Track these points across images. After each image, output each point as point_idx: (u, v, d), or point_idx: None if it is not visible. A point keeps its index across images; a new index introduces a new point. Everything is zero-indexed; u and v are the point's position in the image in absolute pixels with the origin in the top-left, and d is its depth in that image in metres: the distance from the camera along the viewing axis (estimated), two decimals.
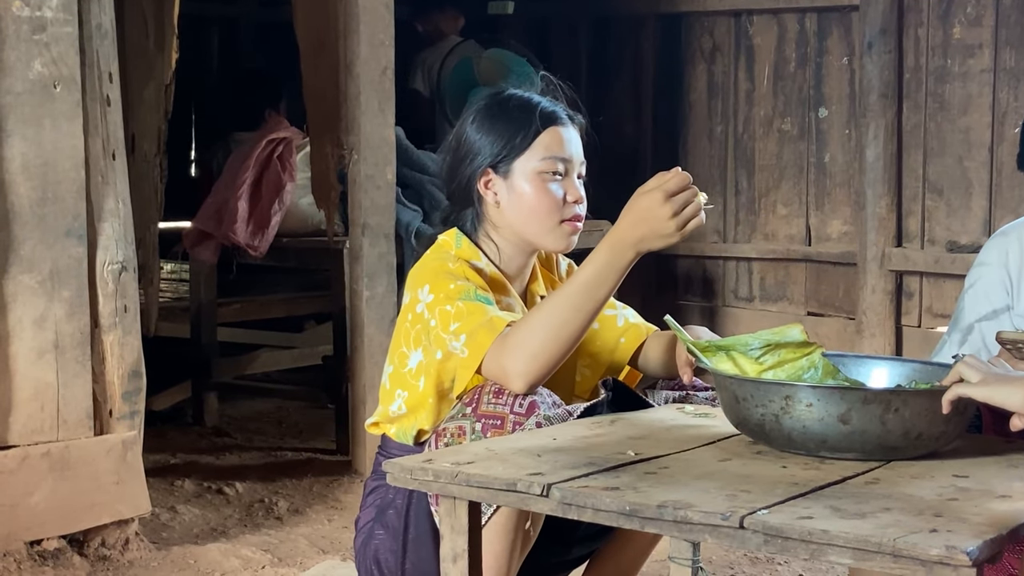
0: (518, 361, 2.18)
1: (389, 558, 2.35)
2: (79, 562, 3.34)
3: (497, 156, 2.42)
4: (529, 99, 2.46)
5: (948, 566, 1.50)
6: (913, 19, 5.47)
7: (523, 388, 2.20)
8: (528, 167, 2.41)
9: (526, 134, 2.41)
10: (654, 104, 6.39)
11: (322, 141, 4.48)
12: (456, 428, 2.23)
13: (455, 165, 2.48)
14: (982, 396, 1.88)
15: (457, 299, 2.28)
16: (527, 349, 2.19)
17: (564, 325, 2.21)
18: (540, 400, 2.20)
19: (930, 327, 5.47)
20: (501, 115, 2.44)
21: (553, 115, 2.44)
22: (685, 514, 1.67)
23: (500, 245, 2.46)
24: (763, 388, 1.96)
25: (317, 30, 4.41)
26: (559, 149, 2.42)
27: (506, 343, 2.20)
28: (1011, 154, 5.25)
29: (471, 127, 2.46)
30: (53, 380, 3.32)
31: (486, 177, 2.43)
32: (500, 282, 2.44)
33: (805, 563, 3.48)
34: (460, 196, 2.48)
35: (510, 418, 2.19)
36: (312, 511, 4.05)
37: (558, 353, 2.22)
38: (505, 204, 2.43)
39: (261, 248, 4.85)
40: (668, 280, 6.26)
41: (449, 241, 2.46)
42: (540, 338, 2.20)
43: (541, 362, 2.19)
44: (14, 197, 3.24)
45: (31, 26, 3.24)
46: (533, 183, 2.40)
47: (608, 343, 2.54)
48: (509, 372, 2.19)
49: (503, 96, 2.48)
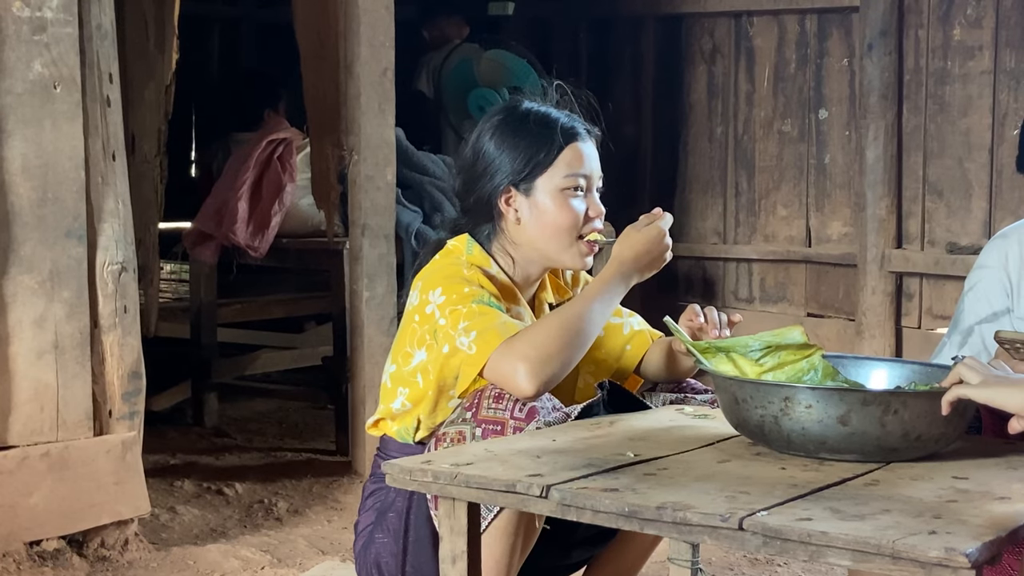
0: (528, 363, 2.20)
1: (390, 561, 2.35)
2: (78, 563, 3.34)
3: (520, 174, 2.43)
4: (548, 115, 2.47)
5: (947, 568, 1.50)
6: (913, 20, 5.47)
7: (532, 392, 2.21)
8: (550, 185, 2.42)
9: (548, 152, 2.42)
10: (654, 105, 6.39)
11: (322, 142, 4.48)
12: (456, 433, 2.23)
13: (473, 180, 2.48)
14: (983, 397, 1.88)
15: (471, 301, 2.29)
16: (538, 354, 2.21)
17: (576, 336, 2.26)
18: (540, 406, 2.21)
19: (930, 328, 5.47)
20: (521, 131, 2.44)
21: (573, 131, 2.46)
22: (684, 515, 1.67)
23: (516, 259, 2.47)
24: (763, 389, 1.97)
25: (317, 31, 4.41)
26: (580, 166, 2.44)
27: (516, 346, 2.22)
28: (1011, 156, 5.25)
29: (490, 143, 2.46)
30: (53, 381, 3.32)
31: (507, 194, 2.44)
32: (510, 290, 2.45)
33: (804, 565, 3.48)
34: (478, 211, 2.48)
35: (510, 423, 2.19)
36: (312, 512, 4.05)
37: (569, 362, 2.26)
38: (526, 221, 2.44)
39: (261, 249, 4.85)
40: (668, 281, 6.26)
41: (460, 247, 2.46)
42: (554, 345, 2.23)
43: (552, 368, 2.22)
44: (14, 198, 3.24)
45: (31, 27, 3.24)
46: (556, 200, 2.42)
47: (614, 351, 2.55)
48: (520, 374, 2.20)
49: (522, 111, 2.48)
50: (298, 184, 4.95)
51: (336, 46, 4.32)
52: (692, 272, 6.31)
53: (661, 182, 6.35)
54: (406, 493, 2.30)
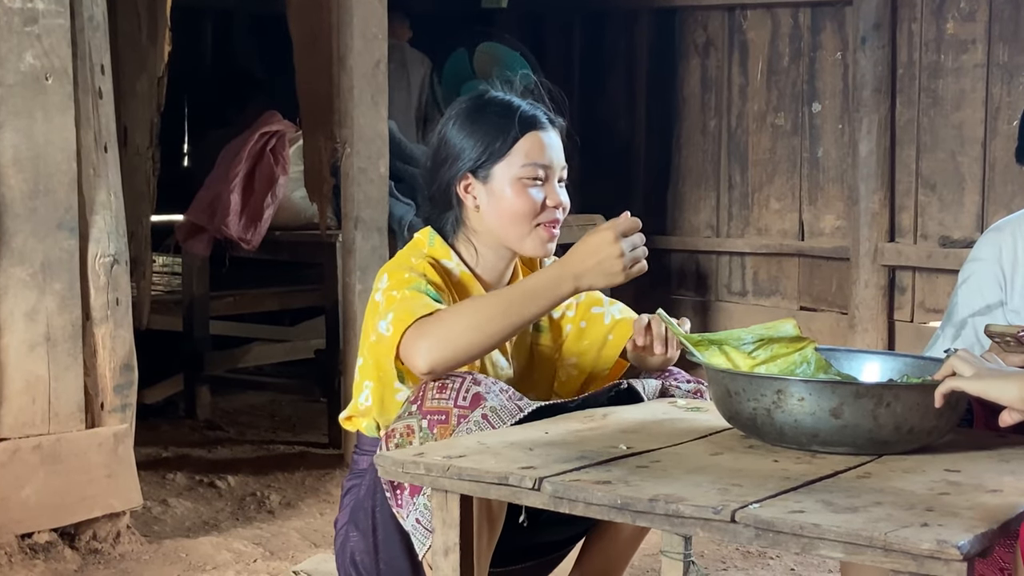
0: (428, 340, 2.18)
1: (365, 559, 2.35)
2: (70, 555, 3.34)
3: (476, 161, 2.41)
4: (509, 103, 2.45)
5: (939, 560, 1.50)
6: (907, 14, 5.48)
7: (426, 370, 2.19)
8: (508, 173, 2.40)
9: (505, 140, 2.40)
10: (648, 98, 6.38)
11: (315, 134, 4.47)
12: (404, 428, 2.21)
13: (436, 167, 2.48)
14: (976, 390, 1.88)
15: (406, 288, 2.29)
16: (441, 333, 2.19)
17: (487, 322, 2.21)
18: (485, 391, 2.19)
19: (922, 322, 5.48)
20: (480, 119, 2.43)
21: (533, 120, 2.43)
22: (677, 508, 1.67)
23: (479, 249, 2.46)
24: (755, 382, 1.97)
25: (310, 23, 4.40)
26: (538, 155, 2.41)
27: (423, 326, 2.20)
28: (1004, 149, 5.26)
29: (452, 129, 2.46)
30: (44, 373, 3.31)
31: (465, 181, 2.43)
32: (467, 284, 2.44)
33: (797, 557, 3.48)
34: (440, 199, 2.47)
35: (454, 412, 2.18)
36: (304, 504, 4.04)
37: (472, 347, 2.21)
38: (484, 209, 2.42)
39: (254, 241, 4.84)
40: (661, 275, 6.27)
41: (423, 239, 2.47)
42: (459, 327, 2.20)
43: (451, 349, 2.18)
44: (5, 189, 3.23)
45: (22, 18, 3.23)
46: (513, 188, 2.40)
47: (596, 341, 2.55)
48: (416, 350, 2.19)
49: (483, 99, 2.47)
50: (291, 177, 4.94)
51: (329, 38, 4.31)
52: (685, 266, 6.31)
53: (654, 175, 6.35)
54: (372, 491, 2.31)
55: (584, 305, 2.57)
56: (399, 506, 2.21)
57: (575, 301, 2.56)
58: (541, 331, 2.57)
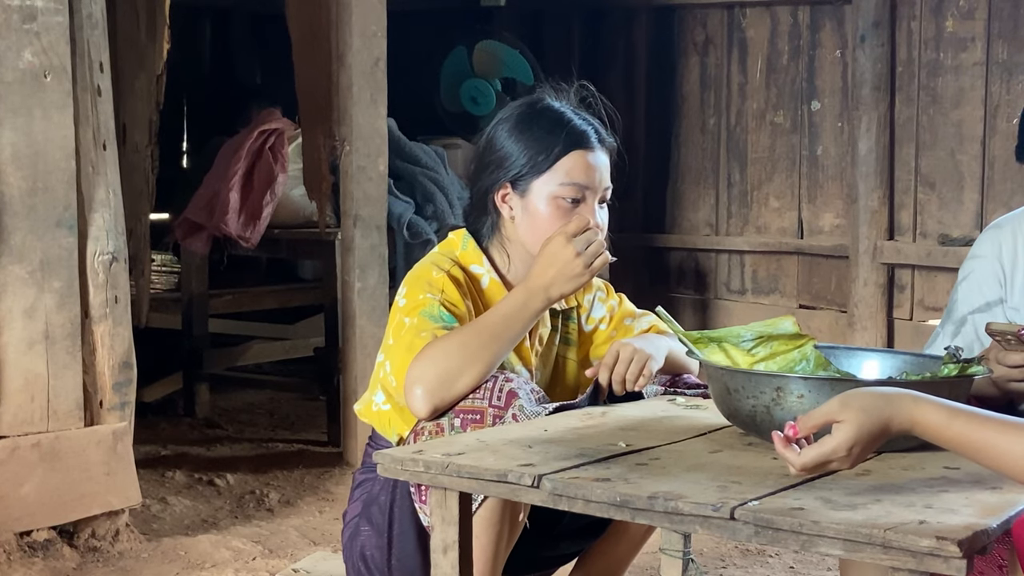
0: (426, 385, 2.18)
1: (375, 554, 2.35)
2: (69, 553, 3.33)
3: (517, 173, 2.38)
4: (561, 116, 2.41)
5: (938, 557, 1.50)
6: (906, 12, 5.47)
7: (426, 415, 2.19)
8: (545, 190, 2.37)
9: (548, 155, 2.36)
10: (647, 97, 6.38)
11: (314, 132, 4.47)
12: (434, 426, 2.21)
13: (479, 171, 2.45)
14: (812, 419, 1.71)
15: (416, 313, 2.28)
16: (438, 373, 2.18)
17: (476, 358, 2.20)
18: (517, 387, 2.19)
19: (922, 320, 5.47)
20: (529, 129, 2.39)
21: (580, 138, 2.38)
22: (676, 505, 1.67)
23: (512, 257, 2.44)
24: (754, 379, 1.96)
25: (309, 21, 4.40)
26: (580, 175, 2.37)
27: (415, 368, 2.19)
28: (1003, 147, 5.25)
29: (502, 133, 2.42)
30: (43, 371, 3.31)
31: (504, 191, 2.40)
32: (496, 291, 2.42)
33: (796, 555, 3.48)
34: (479, 202, 2.45)
35: (489, 411, 2.18)
36: (303, 503, 4.04)
37: (465, 386, 2.20)
38: (519, 221, 2.40)
39: (253, 239, 4.84)
40: (660, 273, 6.26)
41: (456, 241, 2.45)
42: (454, 364, 2.19)
43: (450, 389, 2.19)
44: (4, 187, 3.23)
45: (21, 15, 3.23)
46: (548, 205, 2.37)
47: None
48: (415, 398, 2.18)
49: (537, 108, 2.43)
50: (290, 174, 4.93)
51: (328, 36, 4.31)
52: (684, 264, 6.31)
53: (653, 173, 6.34)
54: (390, 487, 2.30)
55: (618, 316, 2.57)
56: (422, 502, 2.21)
57: (608, 314, 2.56)
58: (570, 344, 2.56)
